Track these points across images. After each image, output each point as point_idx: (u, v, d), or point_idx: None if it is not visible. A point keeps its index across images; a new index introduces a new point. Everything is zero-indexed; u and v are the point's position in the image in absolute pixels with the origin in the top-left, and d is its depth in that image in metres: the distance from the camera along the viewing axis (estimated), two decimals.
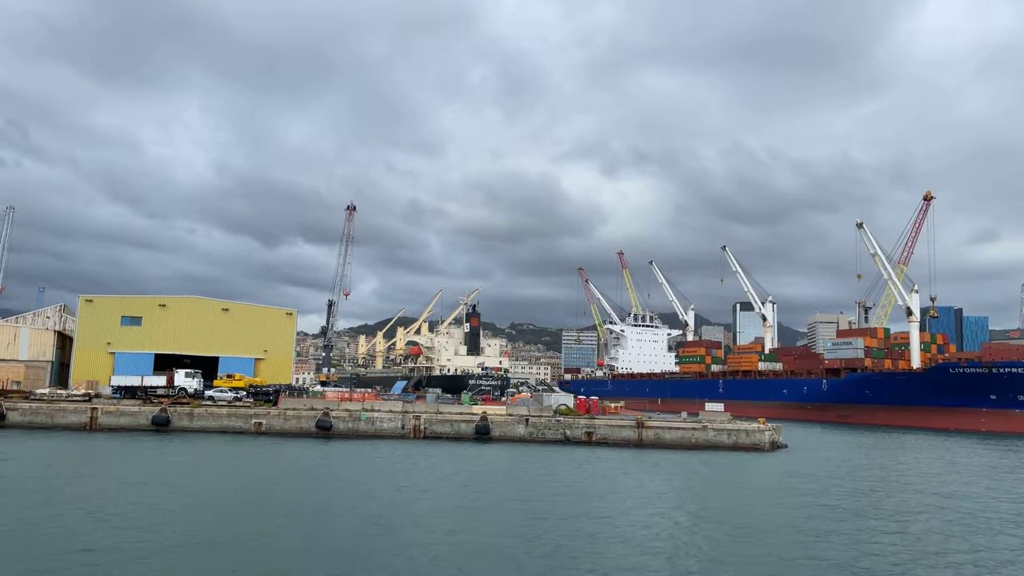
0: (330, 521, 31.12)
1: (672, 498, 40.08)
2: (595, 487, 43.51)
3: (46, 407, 68.35)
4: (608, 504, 37.56)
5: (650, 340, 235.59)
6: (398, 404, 72.24)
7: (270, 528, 29.83)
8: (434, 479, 44.96)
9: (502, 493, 40.10)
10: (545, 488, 42.28)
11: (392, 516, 32.78)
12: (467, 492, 40.26)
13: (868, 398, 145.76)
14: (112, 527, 28.89)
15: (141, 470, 45.26)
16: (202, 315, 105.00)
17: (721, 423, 69.09)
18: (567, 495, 39.97)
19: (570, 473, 49.61)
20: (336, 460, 54.21)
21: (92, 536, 27.29)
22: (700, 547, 28.16)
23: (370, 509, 34.30)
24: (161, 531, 28.36)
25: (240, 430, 68.71)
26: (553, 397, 74.28)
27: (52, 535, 27.28)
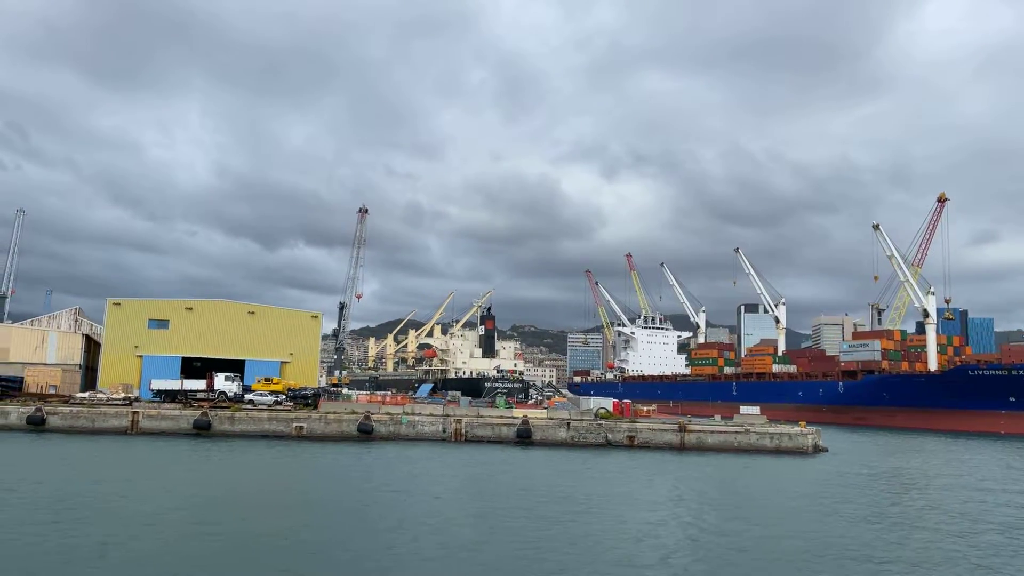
0: (407, 532, 30.98)
1: (779, 510, 38.40)
2: (687, 495, 42.29)
3: (87, 411, 68.28)
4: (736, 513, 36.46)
5: (660, 342, 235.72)
6: (438, 408, 72.24)
7: (344, 536, 29.79)
8: (524, 489, 42.40)
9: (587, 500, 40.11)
10: (635, 495, 41.75)
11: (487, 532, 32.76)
12: (570, 502, 39.40)
13: (885, 400, 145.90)
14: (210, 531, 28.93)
15: (208, 476, 45.25)
16: (228, 318, 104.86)
17: (762, 427, 69.15)
18: (664, 502, 39.42)
19: (640, 479, 49.20)
20: (392, 464, 54.19)
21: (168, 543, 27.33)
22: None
23: (453, 519, 34.32)
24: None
25: (281, 434, 68.70)
26: (592, 401, 74.38)
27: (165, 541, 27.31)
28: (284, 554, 26.01)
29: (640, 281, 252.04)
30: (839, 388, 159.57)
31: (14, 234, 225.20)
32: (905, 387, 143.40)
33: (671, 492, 43.30)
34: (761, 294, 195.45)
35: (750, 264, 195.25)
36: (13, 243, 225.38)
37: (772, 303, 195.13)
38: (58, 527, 29.05)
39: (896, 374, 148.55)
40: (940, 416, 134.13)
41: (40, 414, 66.76)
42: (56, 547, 25.93)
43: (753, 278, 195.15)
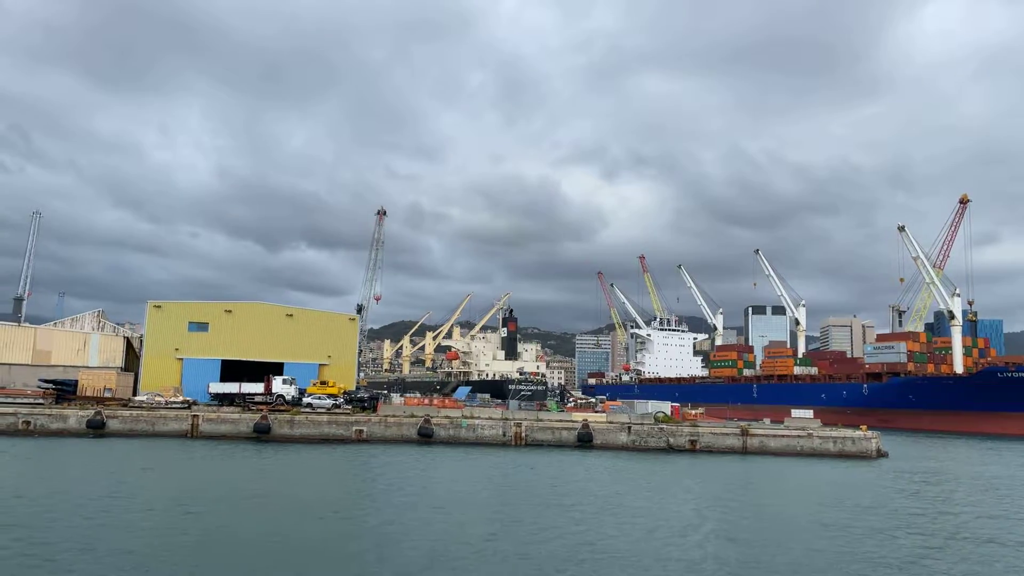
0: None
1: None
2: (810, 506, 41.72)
3: (147, 415, 68.01)
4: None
5: (676, 344, 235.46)
6: (497, 411, 72.04)
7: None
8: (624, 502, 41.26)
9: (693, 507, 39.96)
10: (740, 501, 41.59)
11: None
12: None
13: (912, 403, 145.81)
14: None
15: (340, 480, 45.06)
16: (267, 321, 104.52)
17: (825, 431, 69.08)
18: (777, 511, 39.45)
19: (745, 484, 48.70)
20: (473, 468, 53.99)
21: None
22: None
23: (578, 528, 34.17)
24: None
25: (341, 438, 68.49)
26: (650, 404, 74.17)
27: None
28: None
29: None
30: (863, 390, 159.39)
31: (30, 237, 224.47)
32: (932, 389, 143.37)
33: (829, 500, 42.50)
34: (781, 296, 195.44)
35: (770, 266, 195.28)
36: (29, 246, 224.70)
37: (792, 305, 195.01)
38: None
39: (923, 376, 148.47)
40: (969, 419, 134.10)
41: (100, 418, 66.48)
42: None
43: (773, 280, 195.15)
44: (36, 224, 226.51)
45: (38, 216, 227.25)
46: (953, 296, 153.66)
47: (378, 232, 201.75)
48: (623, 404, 77.28)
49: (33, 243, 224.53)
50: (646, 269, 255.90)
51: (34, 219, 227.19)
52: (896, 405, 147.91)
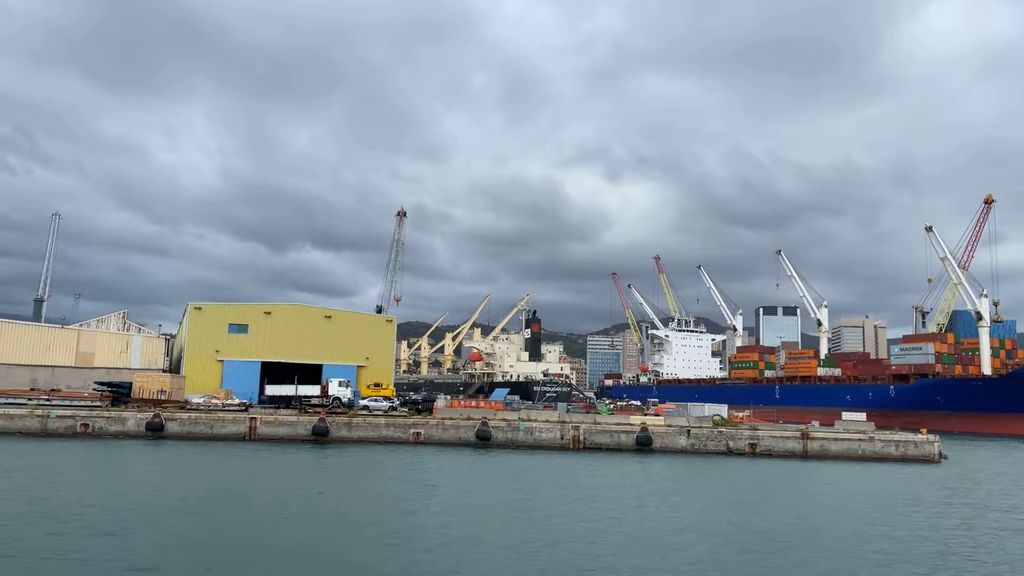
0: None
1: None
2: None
3: (205, 417, 67.88)
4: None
5: (695, 345, 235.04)
6: (554, 414, 71.85)
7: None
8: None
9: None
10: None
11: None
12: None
13: (940, 404, 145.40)
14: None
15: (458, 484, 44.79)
16: (305, 322, 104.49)
17: (887, 434, 68.75)
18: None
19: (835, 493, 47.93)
20: (545, 473, 53.76)
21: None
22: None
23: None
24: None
25: (399, 440, 68.37)
26: (706, 408, 73.95)
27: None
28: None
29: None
30: (890, 392, 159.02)
31: (49, 239, 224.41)
32: (961, 391, 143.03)
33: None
34: (803, 297, 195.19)
35: (792, 267, 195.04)
36: (49, 248, 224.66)
37: (815, 306, 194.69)
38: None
39: (951, 377, 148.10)
40: (999, 420, 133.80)
41: (158, 420, 66.37)
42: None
43: (795, 281, 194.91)
44: (55, 226, 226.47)
45: (57, 218, 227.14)
46: (980, 297, 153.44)
47: (398, 233, 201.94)
48: (677, 407, 77.08)
49: (52, 245, 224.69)
50: (662, 270, 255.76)
51: (53, 221, 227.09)
52: (924, 407, 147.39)
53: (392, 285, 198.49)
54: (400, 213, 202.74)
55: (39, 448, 58.09)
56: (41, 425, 65.78)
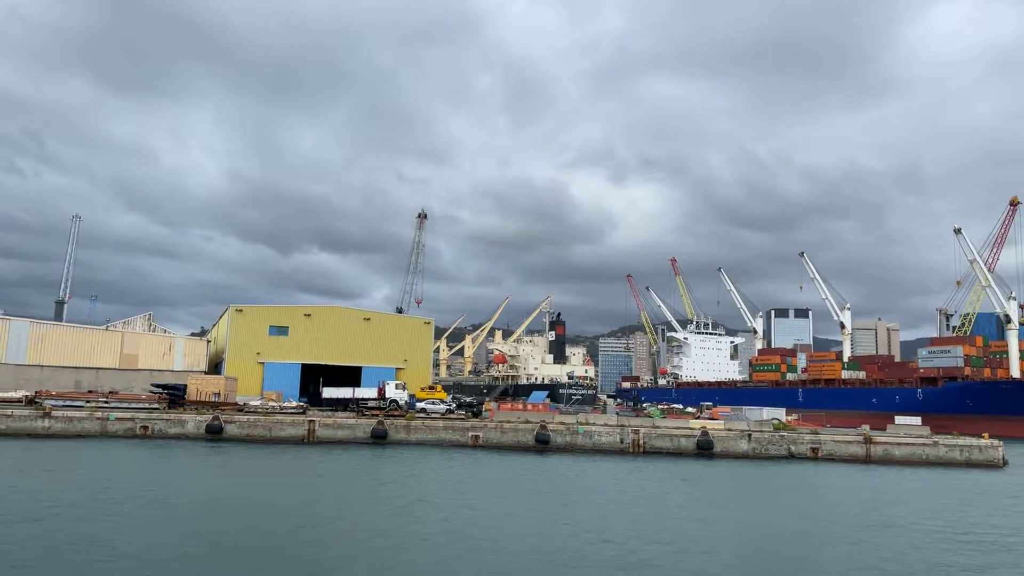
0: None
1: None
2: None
3: (264, 420, 67.61)
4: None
5: (714, 348, 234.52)
6: (612, 418, 71.49)
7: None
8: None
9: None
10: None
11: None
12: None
13: (969, 408, 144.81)
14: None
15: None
16: (345, 325, 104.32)
17: (949, 439, 68.36)
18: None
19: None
20: (632, 480, 53.42)
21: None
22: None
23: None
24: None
25: (457, 443, 68.04)
26: (764, 411, 73.60)
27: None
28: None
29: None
30: (918, 395, 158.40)
31: (70, 241, 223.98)
32: (991, 394, 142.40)
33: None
34: (826, 300, 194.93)
35: (814, 269, 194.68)
36: (70, 250, 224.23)
37: (838, 308, 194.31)
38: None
39: (980, 381, 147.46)
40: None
41: (218, 423, 66.13)
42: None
43: (818, 283, 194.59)
44: (76, 228, 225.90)
45: (78, 220, 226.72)
46: (1009, 299, 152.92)
47: (418, 236, 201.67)
48: (732, 411, 76.72)
49: (72, 247, 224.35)
50: (678, 272, 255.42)
51: (73, 223, 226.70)
52: (953, 410, 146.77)
53: (412, 287, 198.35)
54: (420, 215, 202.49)
55: (122, 450, 57.80)
56: (101, 427, 65.55)
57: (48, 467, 47.63)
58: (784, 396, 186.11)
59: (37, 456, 53.08)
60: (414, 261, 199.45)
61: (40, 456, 53.02)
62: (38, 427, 65.05)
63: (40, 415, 65.46)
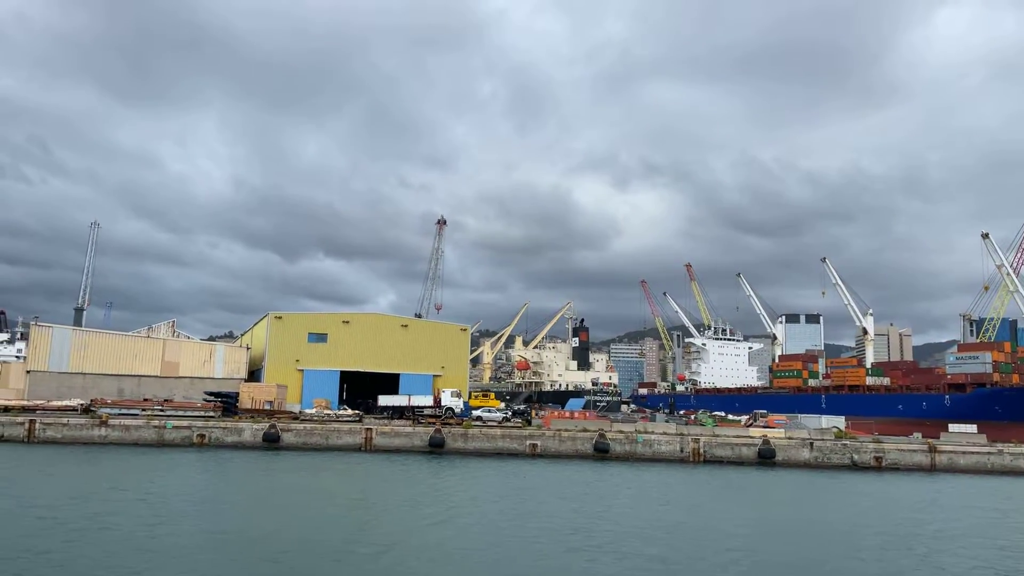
0: None
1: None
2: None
3: (320, 428, 66.98)
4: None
5: (732, 353, 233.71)
6: (671, 426, 70.83)
7: None
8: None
9: None
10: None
11: None
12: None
13: (998, 414, 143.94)
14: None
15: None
16: (382, 332, 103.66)
17: (1017, 448, 67.67)
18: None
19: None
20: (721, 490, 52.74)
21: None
22: None
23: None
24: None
25: (514, 451, 67.38)
26: (823, 419, 72.90)
27: None
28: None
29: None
30: (945, 401, 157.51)
31: (89, 248, 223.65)
32: (1020, 400, 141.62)
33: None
34: (848, 305, 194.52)
35: (837, 274, 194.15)
36: (88, 257, 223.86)
37: (860, 314, 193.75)
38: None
39: (1010, 387, 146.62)
40: None
41: (275, 431, 65.51)
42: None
43: (840, 288, 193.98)
44: (95, 235, 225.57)
45: (96, 227, 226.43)
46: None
47: (437, 242, 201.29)
48: (787, 418, 76.05)
49: (91, 254, 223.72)
50: (693, 277, 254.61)
51: (92, 230, 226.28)
52: (981, 417, 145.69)
53: (432, 293, 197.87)
54: (440, 221, 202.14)
55: (202, 460, 57.22)
56: (158, 436, 65.00)
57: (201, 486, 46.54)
58: (807, 402, 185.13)
59: (140, 467, 52.09)
60: (433, 267, 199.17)
61: (145, 468, 51.99)
62: (95, 435, 64.54)
63: (97, 423, 64.93)
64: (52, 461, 53.92)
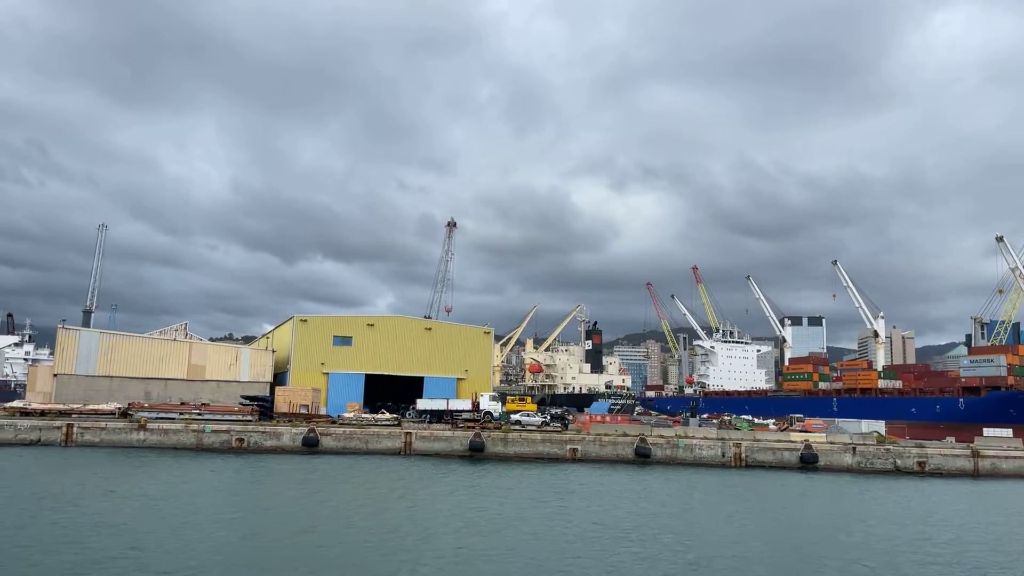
0: None
1: None
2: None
3: (360, 432, 66.41)
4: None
5: (740, 356, 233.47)
6: (711, 430, 70.42)
7: None
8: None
9: None
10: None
11: None
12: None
13: (1012, 418, 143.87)
14: None
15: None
16: (406, 335, 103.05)
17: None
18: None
19: None
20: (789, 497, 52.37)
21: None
22: None
23: None
24: None
25: (555, 456, 66.94)
26: (863, 424, 72.62)
27: None
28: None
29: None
30: (959, 405, 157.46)
31: (97, 250, 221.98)
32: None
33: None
34: (859, 308, 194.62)
35: (848, 277, 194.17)
36: (96, 259, 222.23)
37: (871, 317, 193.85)
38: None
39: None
40: None
41: (314, 435, 64.93)
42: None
43: (852, 292, 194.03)
44: (103, 237, 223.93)
45: (104, 229, 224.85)
46: None
47: (448, 244, 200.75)
48: (824, 423, 75.65)
49: (100, 256, 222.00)
50: (699, 280, 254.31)
51: (100, 232, 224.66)
52: (995, 420, 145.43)
53: (441, 296, 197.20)
54: (449, 224, 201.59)
55: (251, 465, 56.56)
56: (197, 440, 64.35)
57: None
58: (818, 405, 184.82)
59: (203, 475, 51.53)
60: (443, 270, 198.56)
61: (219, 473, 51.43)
62: (133, 440, 63.92)
63: (135, 428, 64.24)
64: (107, 465, 53.21)
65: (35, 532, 30.70)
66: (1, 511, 34.76)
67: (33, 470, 50.24)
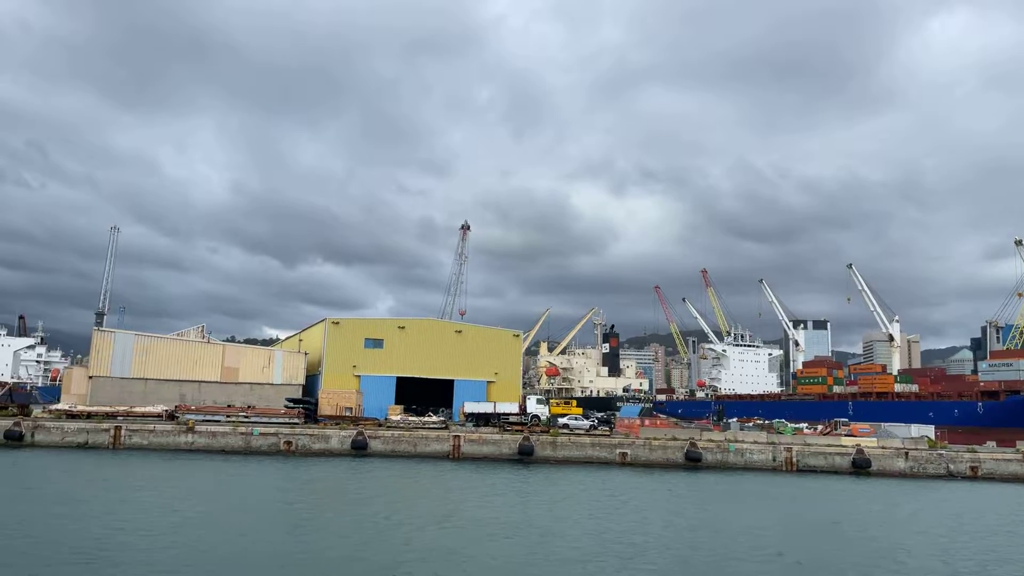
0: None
1: None
2: None
3: (408, 435, 65.85)
4: None
5: (752, 360, 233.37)
6: (761, 435, 70.03)
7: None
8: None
9: None
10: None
11: None
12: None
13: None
14: None
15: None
16: (437, 337, 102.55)
17: None
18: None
19: None
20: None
21: None
22: None
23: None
24: None
25: (604, 460, 66.43)
26: (913, 428, 72.26)
27: None
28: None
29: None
30: (978, 409, 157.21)
31: (109, 253, 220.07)
32: None
33: None
34: (875, 312, 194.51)
35: (864, 281, 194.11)
36: (108, 262, 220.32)
37: (886, 320, 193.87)
38: None
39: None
40: None
41: (363, 438, 64.37)
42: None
43: (866, 295, 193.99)
44: (114, 240, 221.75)
45: (116, 231, 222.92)
46: None
47: (461, 247, 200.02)
48: (871, 427, 75.32)
49: (112, 258, 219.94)
50: (709, 283, 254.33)
51: (112, 234, 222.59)
52: (1014, 424, 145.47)
53: (456, 298, 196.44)
54: (463, 227, 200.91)
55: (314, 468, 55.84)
56: (244, 443, 63.76)
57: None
58: (833, 409, 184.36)
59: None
60: (458, 272, 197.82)
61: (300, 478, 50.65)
62: (181, 442, 63.29)
63: (183, 430, 63.63)
64: (172, 468, 52.57)
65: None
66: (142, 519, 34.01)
67: (137, 480, 48.50)
